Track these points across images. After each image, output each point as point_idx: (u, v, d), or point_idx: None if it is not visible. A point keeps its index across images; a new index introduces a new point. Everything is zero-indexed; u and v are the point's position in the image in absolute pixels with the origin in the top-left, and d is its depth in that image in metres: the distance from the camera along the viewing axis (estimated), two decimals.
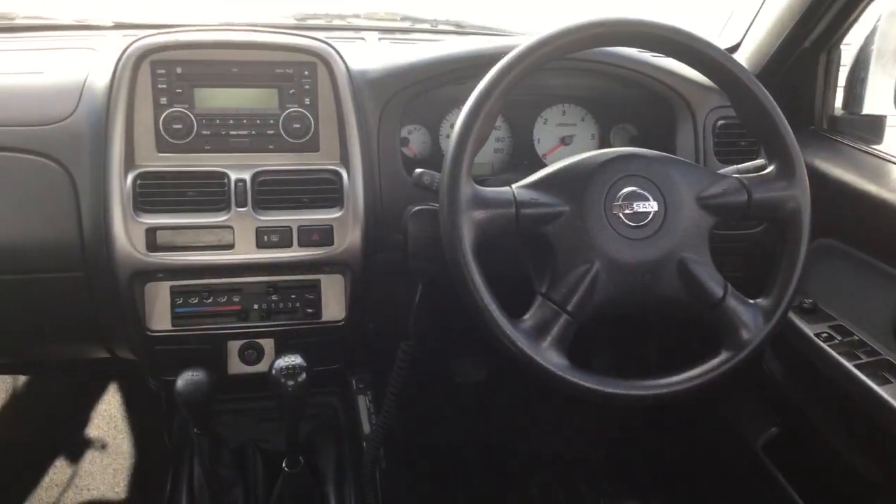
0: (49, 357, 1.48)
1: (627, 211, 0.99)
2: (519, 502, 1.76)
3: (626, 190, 0.99)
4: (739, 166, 1.17)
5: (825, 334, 1.26)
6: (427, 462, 1.78)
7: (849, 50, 1.41)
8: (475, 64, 1.21)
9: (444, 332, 1.37)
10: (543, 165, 1.36)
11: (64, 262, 1.17)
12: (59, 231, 1.15)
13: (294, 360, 1.05)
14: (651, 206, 0.99)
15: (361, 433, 1.46)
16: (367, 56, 1.28)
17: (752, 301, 1.03)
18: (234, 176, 1.16)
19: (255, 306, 1.22)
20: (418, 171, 1.04)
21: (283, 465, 1.16)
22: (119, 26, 1.48)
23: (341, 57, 1.21)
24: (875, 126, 1.40)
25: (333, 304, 1.25)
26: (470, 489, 1.77)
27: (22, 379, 1.79)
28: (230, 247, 1.17)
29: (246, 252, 1.17)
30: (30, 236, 1.15)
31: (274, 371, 1.04)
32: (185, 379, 1.11)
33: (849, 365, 1.17)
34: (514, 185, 0.99)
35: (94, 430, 1.78)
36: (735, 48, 1.50)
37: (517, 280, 1.04)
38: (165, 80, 1.15)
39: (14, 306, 1.22)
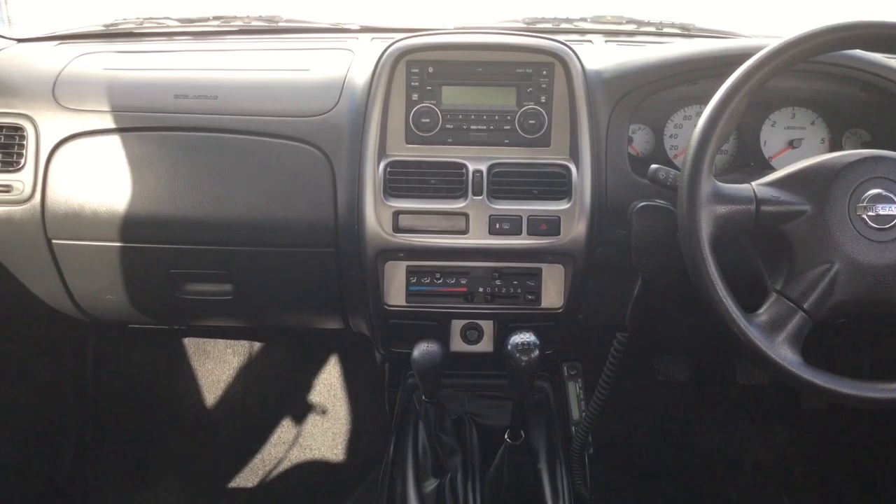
0: (290, 325, 1.65)
1: (871, 213, 0.98)
2: None
3: (871, 192, 0.99)
4: None
5: None
6: (625, 454, 1.81)
7: None
8: (713, 64, 1.24)
9: (654, 330, 1.39)
10: (770, 168, 1.36)
11: (319, 239, 1.31)
12: (318, 211, 1.29)
13: (528, 337, 1.12)
14: None
15: (571, 418, 1.52)
16: (601, 56, 1.34)
17: None
18: (471, 167, 1.25)
19: (480, 289, 1.31)
20: (654, 166, 1.08)
21: (506, 436, 1.24)
22: (366, 30, 1.63)
23: (578, 57, 1.27)
24: None
25: (553, 292, 1.31)
26: (668, 489, 1.78)
27: (257, 345, 2.00)
28: (464, 232, 1.26)
29: (478, 238, 1.26)
30: (294, 214, 1.30)
31: (509, 346, 1.12)
32: (421, 350, 1.22)
33: None
34: (754, 183, 1.01)
35: (315, 397, 1.96)
36: None
37: (743, 277, 1.06)
38: (418, 78, 1.27)
39: (271, 277, 1.38)
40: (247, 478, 1.85)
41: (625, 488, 1.75)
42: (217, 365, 1.98)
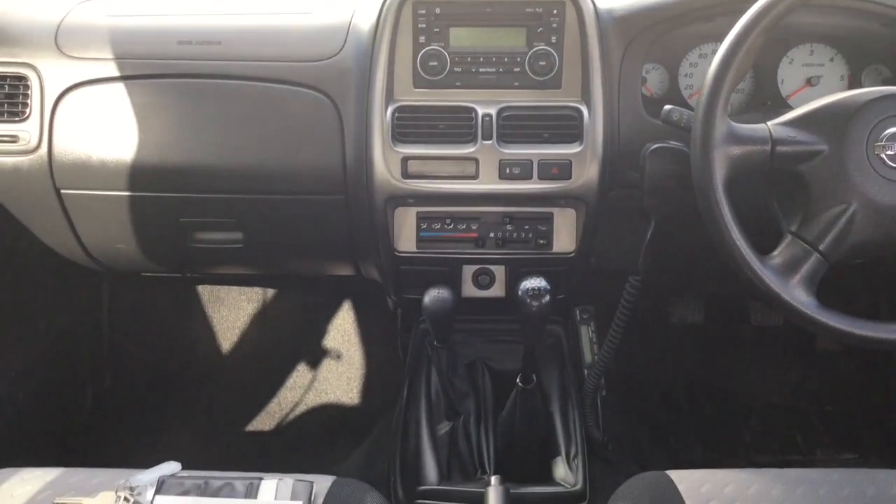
0: (301, 272, 1.65)
1: (890, 152, 0.96)
2: (733, 448, 1.76)
3: (890, 130, 0.96)
4: None
5: None
6: (637, 396, 1.82)
7: None
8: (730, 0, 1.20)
9: (666, 273, 1.39)
10: (787, 107, 1.33)
11: (328, 186, 1.30)
12: (326, 158, 1.28)
13: (539, 282, 1.11)
14: None
15: (583, 362, 1.53)
16: None
17: None
18: (481, 111, 1.23)
19: (491, 234, 1.30)
20: (668, 107, 1.06)
21: (518, 380, 1.24)
22: None
23: None
24: None
25: (564, 236, 1.30)
26: (681, 429, 1.79)
27: (270, 292, 2.02)
28: (474, 177, 1.25)
29: (488, 183, 1.25)
30: (302, 162, 1.29)
31: (520, 292, 1.11)
32: (432, 296, 1.22)
33: None
34: (769, 122, 0.99)
35: (330, 342, 1.98)
36: None
37: (757, 219, 1.04)
38: (425, 19, 1.24)
39: (281, 225, 1.38)
40: (263, 421, 1.88)
41: (637, 430, 1.77)
42: (231, 311, 2.00)
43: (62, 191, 1.33)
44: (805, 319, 0.95)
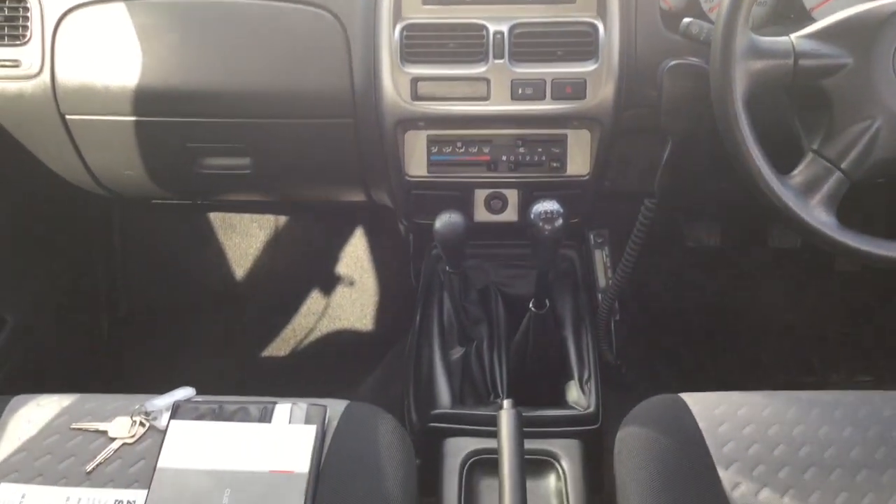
0: (312, 198, 1.64)
1: None
2: (747, 371, 1.76)
3: None
4: None
5: None
6: (651, 320, 1.82)
7: None
8: None
9: (683, 194, 1.36)
10: (811, 20, 1.28)
11: (336, 109, 1.27)
12: (334, 80, 1.24)
13: (552, 205, 1.09)
14: None
15: (597, 286, 1.52)
16: None
17: None
18: (492, 28, 1.18)
19: (503, 157, 1.28)
20: (687, 20, 1.02)
21: (531, 305, 1.23)
22: None
23: None
24: None
25: (578, 158, 1.27)
26: (695, 353, 1.79)
27: (282, 219, 2.01)
28: (485, 98, 1.21)
29: (500, 103, 1.21)
30: (309, 84, 1.25)
31: (532, 215, 1.09)
32: (443, 220, 1.20)
33: None
34: (792, 35, 0.95)
35: (343, 269, 1.98)
36: None
37: (777, 138, 1.01)
38: None
39: (289, 149, 1.36)
40: (277, 347, 1.90)
41: (651, 354, 1.77)
42: (244, 239, 2.00)
43: (67, 116, 1.31)
44: (825, 240, 0.93)
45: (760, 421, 1.00)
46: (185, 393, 1.06)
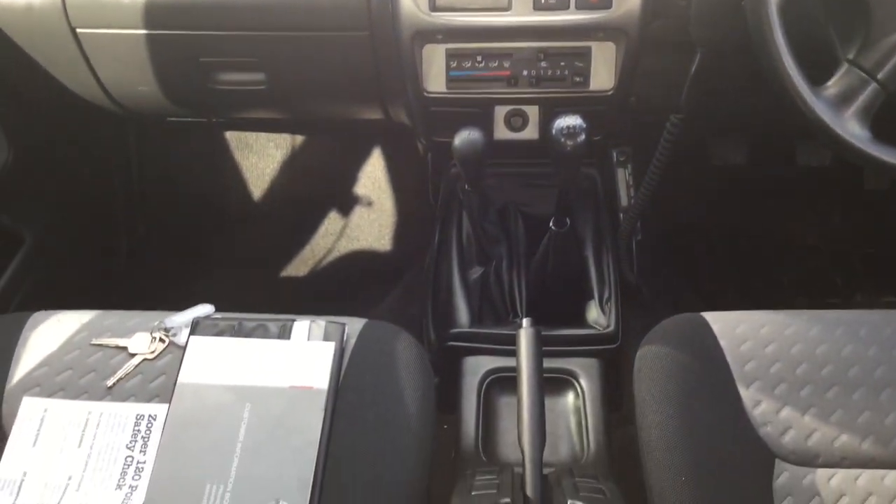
0: (328, 116, 1.61)
1: None
2: (769, 292, 1.74)
3: None
4: None
5: None
6: (674, 240, 1.79)
7: None
8: None
9: (711, 110, 1.32)
10: None
11: (352, 21, 1.23)
12: None
13: (575, 120, 1.06)
14: None
15: (619, 205, 1.49)
16: None
17: None
18: None
19: (525, 72, 1.23)
20: None
21: (551, 223, 1.22)
22: None
23: None
24: None
25: (603, 72, 1.23)
26: (717, 273, 1.77)
27: (299, 139, 1.98)
28: (507, 9, 1.16)
29: (522, 14, 1.17)
30: None
31: (554, 131, 1.06)
32: (462, 137, 1.17)
33: None
34: None
35: (360, 189, 1.96)
36: None
37: (812, 48, 0.97)
38: None
39: (304, 64, 1.32)
40: (297, 268, 1.90)
41: (672, 274, 1.75)
42: (260, 159, 1.98)
43: (78, 30, 1.28)
44: (857, 153, 0.89)
45: (783, 340, 0.98)
46: (204, 310, 1.06)
